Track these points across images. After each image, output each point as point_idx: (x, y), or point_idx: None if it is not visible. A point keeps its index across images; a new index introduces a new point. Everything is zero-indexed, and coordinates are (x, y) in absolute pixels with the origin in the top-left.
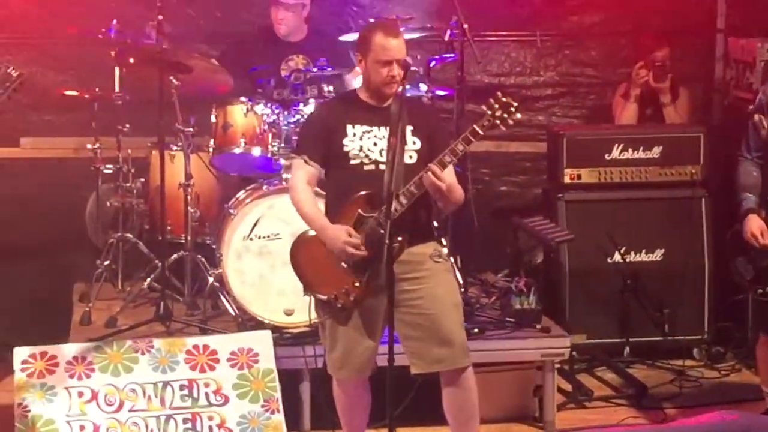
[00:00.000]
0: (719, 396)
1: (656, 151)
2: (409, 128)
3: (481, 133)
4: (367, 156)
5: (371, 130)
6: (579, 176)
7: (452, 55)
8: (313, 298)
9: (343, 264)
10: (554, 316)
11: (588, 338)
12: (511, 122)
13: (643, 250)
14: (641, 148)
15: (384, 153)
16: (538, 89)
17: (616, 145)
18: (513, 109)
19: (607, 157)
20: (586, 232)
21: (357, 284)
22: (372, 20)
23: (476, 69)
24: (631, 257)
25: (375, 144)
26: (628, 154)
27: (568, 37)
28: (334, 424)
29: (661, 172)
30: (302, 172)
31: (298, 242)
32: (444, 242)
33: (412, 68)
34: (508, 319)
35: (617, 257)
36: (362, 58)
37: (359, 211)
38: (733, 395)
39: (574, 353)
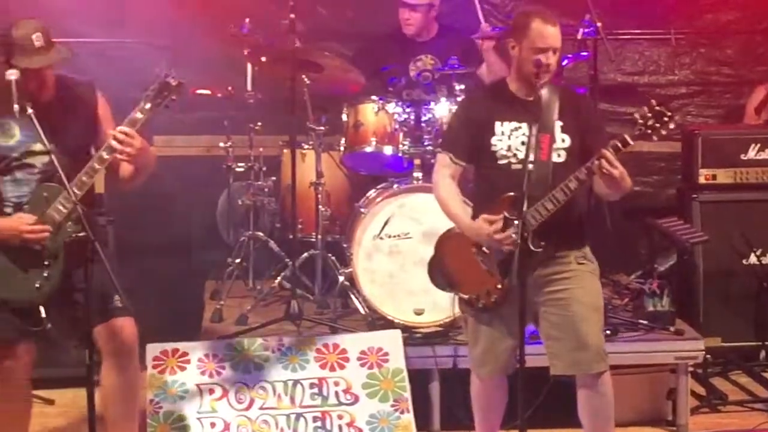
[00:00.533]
0: None
1: None
2: (558, 124)
3: (632, 143)
4: (515, 155)
5: (520, 127)
6: (714, 177)
7: (585, 53)
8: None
9: (484, 267)
10: (688, 318)
11: (722, 341)
12: (663, 132)
13: None
14: None
15: (533, 151)
16: (672, 88)
17: (753, 145)
18: (666, 119)
19: (743, 157)
20: (721, 234)
21: (499, 286)
22: (528, 6)
23: (609, 68)
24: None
25: (523, 143)
26: (765, 155)
27: (703, 35)
28: (464, 424)
29: None
30: (447, 169)
31: (443, 238)
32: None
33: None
34: (640, 321)
35: (753, 259)
36: (516, 44)
37: (505, 213)
38: None
39: (708, 356)
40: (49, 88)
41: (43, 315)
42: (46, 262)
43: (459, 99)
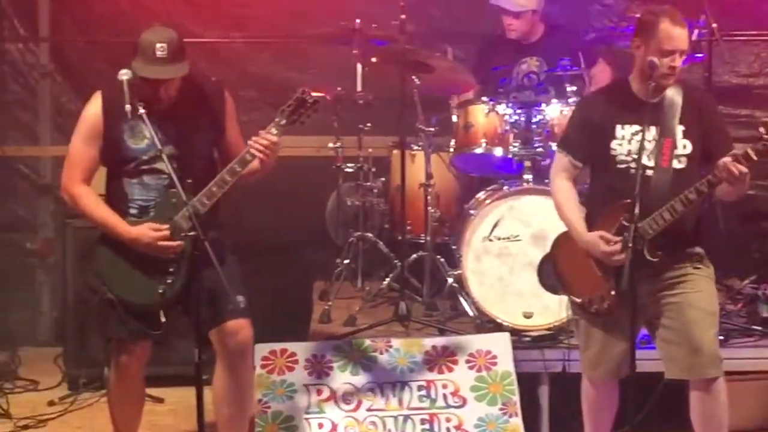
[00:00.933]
0: None
1: None
2: (680, 129)
3: (755, 158)
4: (635, 160)
5: (641, 131)
6: None
7: (700, 55)
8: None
9: (599, 272)
10: None
11: None
12: None
13: None
14: None
15: (652, 157)
16: None
17: None
18: None
19: None
20: None
21: (613, 292)
22: (657, 6)
23: (724, 69)
24: None
25: (644, 147)
26: None
27: None
28: (573, 429)
29: None
30: (565, 171)
31: (560, 239)
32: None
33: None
34: (754, 327)
35: None
36: (641, 43)
37: (622, 219)
38: None
39: None
40: (167, 97)
41: (163, 320)
42: (170, 269)
43: (571, 100)
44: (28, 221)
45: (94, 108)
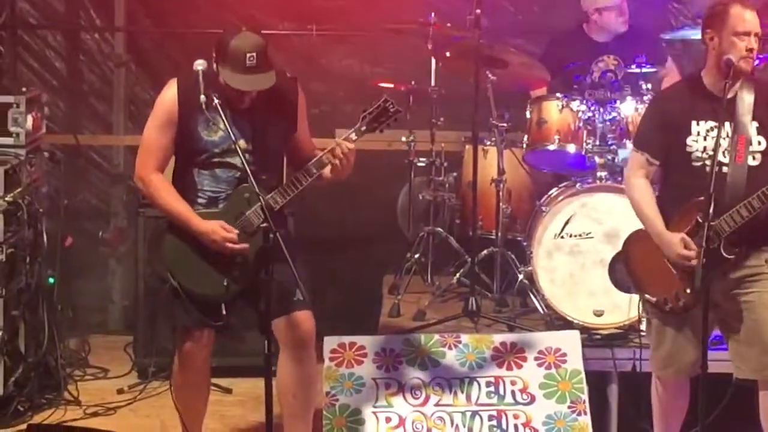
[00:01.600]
0: None
1: None
2: (754, 125)
3: None
4: (710, 157)
5: (717, 127)
6: None
7: (765, 56)
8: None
9: (674, 270)
10: None
11: None
12: None
13: None
14: None
15: (728, 153)
16: None
17: None
18: None
19: None
20: None
21: (688, 290)
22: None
23: None
24: None
25: (719, 144)
26: None
27: None
28: (642, 429)
29: None
30: (642, 169)
31: (633, 237)
32: None
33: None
34: None
35: None
36: (714, 33)
37: (697, 217)
38: None
39: None
40: (248, 101)
41: (224, 312)
42: (237, 261)
43: (645, 98)
44: (101, 210)
45: (170, 95)
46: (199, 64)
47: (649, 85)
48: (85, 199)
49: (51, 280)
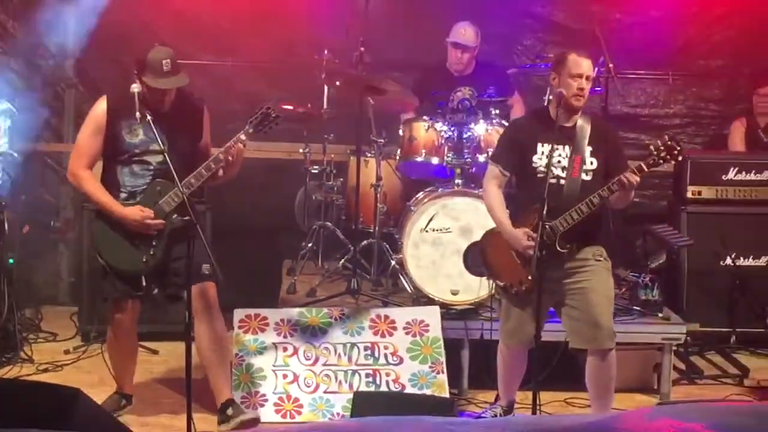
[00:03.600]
0: None
1: (766, 174)
2: (588, 149)
3: (647, 170)
4: (551, 171)
5: (557, 149)
6: (700, 192)
7: (598, 88)
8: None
9: (519, 261)
10: (673, 307)
11: (701, 327)
12: (673, 162)
13: (751, 256)
14: (753, 171)
15: (565, 169)
16: (668, 119)
17: (732, 168)
18: (676, 152)
19: (724, 177)
20: (703, 239)
21: (530, 278)
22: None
23: (617, 101)
24: (741, 262)
25: (559, 161)
26: (742, 176)
27: (695, 77)
28: (487, 385)
29: None
30: (496, 179)
31: (487, 235)
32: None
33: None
34: (635, 307)
35: (729, 261)
36: (556, 75)
37: (537, 218)
38: None
39: (688, 339)
40: (168, 102)
41: (144, 283)
42: (153, 243)
43: (494, 121)
44: (52, 204)
45: (100, 108)
46: (135, 87)
47: (498, 111)
48: (40, 194)
49: (11, 260)
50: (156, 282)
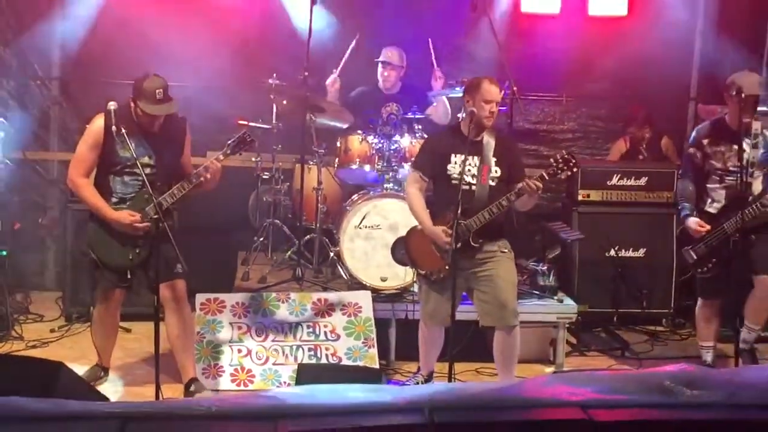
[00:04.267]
0: (680, 353)
1: (643, 181)
2: (493, 159)
3: (547, 178)
4: (463, 178)
5: (468, 159)
6: (589, 195)
7: (504, 107)
8: (415, 270)
9: (438, 253)
10: (567, 291)
11: (589, 308)
12: (569, 173)
13: (631, 249)
14: (633, 178)
15: (475, 177)
16: (562, 134)
17: (616, 175)
18: (572, 164)
19: (609, 183)
20: (592, 235)
21: (447, 267)
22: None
23: (520, 118)
24: (622, 253)
25: (469, 170)
26: (623, 182)
27: (585, 99)
28: (411, 357)
29: (646, 195)
30: (417, 183)
31: (410, 232)
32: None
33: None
34: (534, 291)
35: (612, 253)
36: (470, 99)
37: (453, 217)
38: (690, 353)
39: (579, 318)
40: (158, 125)
41: (129, 276)
42: (139, 243)
43: (418, 134)
44: (40, 204)
45: (98, 124)
46: (112, 105)
47: (420, 126)
48: (29, 196)
49: (4, 252)
50: (139, 275)
